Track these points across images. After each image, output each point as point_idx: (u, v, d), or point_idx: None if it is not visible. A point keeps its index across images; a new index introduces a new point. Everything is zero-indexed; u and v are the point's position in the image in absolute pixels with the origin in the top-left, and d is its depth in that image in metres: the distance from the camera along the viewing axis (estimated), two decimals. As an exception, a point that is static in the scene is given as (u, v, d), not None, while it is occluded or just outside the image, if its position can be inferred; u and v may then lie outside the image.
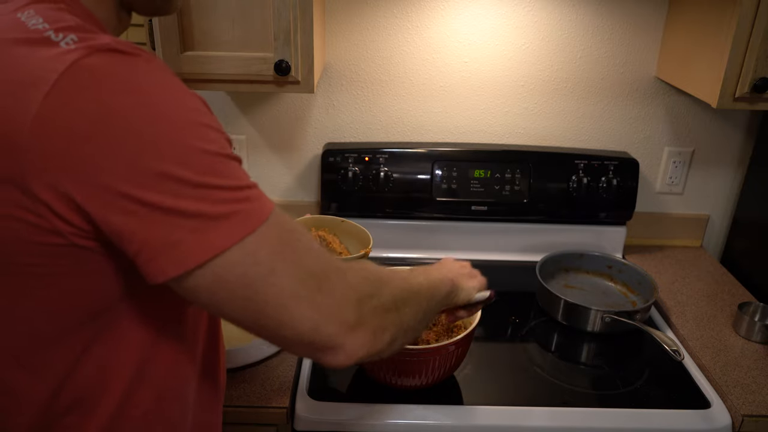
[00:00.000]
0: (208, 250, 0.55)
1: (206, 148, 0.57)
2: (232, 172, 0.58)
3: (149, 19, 1.12)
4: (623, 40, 1.48)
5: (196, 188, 0.55)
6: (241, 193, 0.58)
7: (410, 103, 1.54)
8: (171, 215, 0.54)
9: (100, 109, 0.52)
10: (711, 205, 1.66)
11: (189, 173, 0.55)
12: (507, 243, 1.56)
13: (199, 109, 0.59)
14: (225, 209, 0.56)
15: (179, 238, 0.55)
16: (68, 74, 0.53)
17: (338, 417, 1.06)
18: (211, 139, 0.58)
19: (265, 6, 1.12)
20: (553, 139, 1.58)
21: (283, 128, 1.56)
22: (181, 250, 0.55)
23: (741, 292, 1.47)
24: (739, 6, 1.13)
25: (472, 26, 1.46)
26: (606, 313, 1.26)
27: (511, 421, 1.06)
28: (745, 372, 1.18)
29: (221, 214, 0.56)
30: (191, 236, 0.55)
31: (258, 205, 0.59)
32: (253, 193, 0.59)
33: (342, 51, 1.48)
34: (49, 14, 0.59)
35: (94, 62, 0.54)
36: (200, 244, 0.55)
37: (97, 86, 0.53)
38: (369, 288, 0.68)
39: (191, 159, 0.55)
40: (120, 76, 0.54)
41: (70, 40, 0.55)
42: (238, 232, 0.57)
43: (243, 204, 0.58)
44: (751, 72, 1.16)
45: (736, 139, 1.58)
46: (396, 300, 0.71)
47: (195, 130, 0.57)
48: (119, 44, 0.56)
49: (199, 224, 0.55)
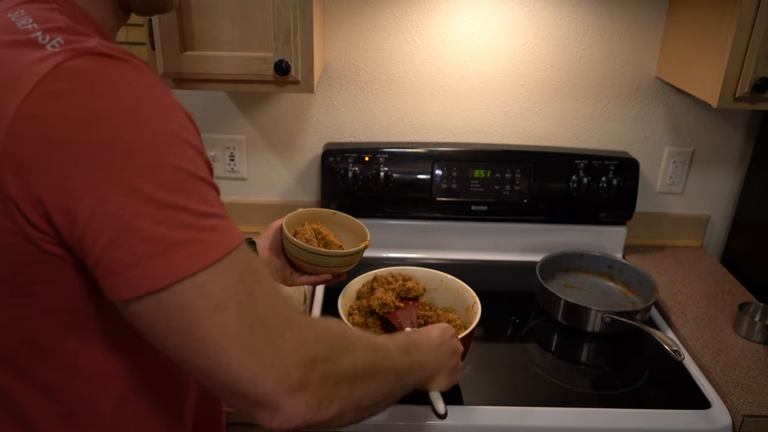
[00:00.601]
0: (161, 278, 0.52)
1: (181, 165, 0.54)
2: (203, 197, 0.55)
3: (149, 19, 1.12)
4: (623, 40, 1.48)
5: (159, 208, 0.52)
6: (207, 220, 0.55)
7: (410, 103, 1.54)
8: (129, 234, 0.52)
9: (76, 115, 0.51)
10: (711, 205, 1.66)
11: (156, 189, 0.52)
12: (507, 243, 1.56)
13: (183, 125, 0.57)
14: (185, 236, 0.53)
15: (134, 261, 0.52)
16: (49, 78, 0.52)
17: (338, 417, 1.06)
18: (188, 158, 0.55)
19: (265, 6, 1.12)
20: (553, 139, 1.58)
21: (283, 128, 1.56)
22: (134, 274, 0.52)
23: (741, 292, 1.47)
24: (739, 6, 1.13)
25: (472, 26, 1.46)
26: (606, 313, 1.26)
27: (511, 421, 1.06)
28: (745, 372, 1.18)
29: (180, 241, 0.53)
30: (146, 261, 0.52)
31: (223, 237, 0.55)
32: (220, 223, 0.56)
33: (342, 51, 1.48)
34: (39, 14, 0.58)
35: (77, 65, 0.53)
36: (154, 270, 0.52)
37: (77, 91, 0.52)
38: (325, 351, 0.60)
39: (162, 174, 0.53)
40: (102, 81, 0.53)
41: (56, 43, 0.54)
42: (195, 262, 0.53)
43: (206, 233, 0.54)
44: (752, 72, 1.16)
45: (737, 139, 1.58)
46: (355, 372, 0.64)
47: (173, 146, 0.55)
48: (107, 48, 0.55)
49: (155, 249, 0.52)
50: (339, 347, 0.62)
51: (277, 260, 1.08)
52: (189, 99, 1.49)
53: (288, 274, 1.09)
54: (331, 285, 1.13)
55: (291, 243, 1.04)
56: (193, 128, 0.59)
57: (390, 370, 0.71)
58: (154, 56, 1.15)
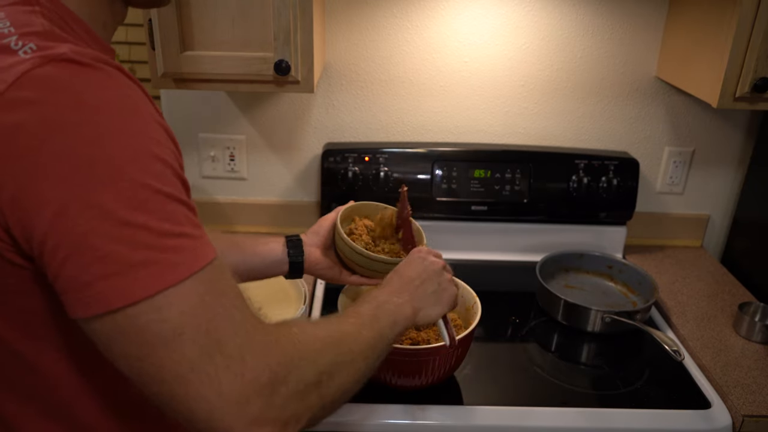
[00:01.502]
0: (116, 299, 0.50)
1: (145, 181, 0.52)
2: (168, 214, 0.53)
3: (149, 19, 1.12)
4: (623, 40, 1.48)
5: (118, 225, 0.50)
6: (169, 240, 0.52)
7: (410, 103, 1.54)
8: (85, 252, 0.50)
9: (38, 125, 0.50)
10: (711, 205, 1.66)
11: (116, 206, 0.50)
12: (507, 243, 1.56)
13: (154, 139, 0.54)
14: (144, 256, 0.51)
15: (89, 280, 0.50)
16: (15, 86, 0.51)
17: (338, 417, 1.06)
18: (154, 173, 0.53)
19: (265, 6, 1.12)
20: (553, 139, 1.58)
21: (283, 128, 1.56)
22: (89, 293, 0.51)
23: (741, 292, 1.47)
24: (739, 6, 1.13)
25: (472, 26, 1.46)
26: (606, 313, 1.26)
27: (511, 421, 1.06)
28: (745, 372, 1.18)
29: (138, 262, 0.50)
30: (101, 281, 0.50)
31: (185, 258, 0.53)
32: (184, 243, 0.53)
33: (342, 51, 1.48)
34: (19, 18, 0.56)
35: (44, 73, 0.51)
36: (109, 291, 0.50)
37: (40, 100, 0.51)
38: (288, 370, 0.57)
39: (123, 190, 0.51)
40: (68, 90, 0.52)
41: (28, 49, 0.53)
42: (151, 284, 0.51)
43: (167, 253, 0.52)
44: (752, 72, 1.16)
45: (737, 139, 1.58)
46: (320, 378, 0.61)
47: (138, 159, 0.52)
48: (78, 55, 0.53)
49: (111, 269, 0.50)
50: (301, 360, 0.59)
51: (325, 259, 1.06)
52: (189, 99, 1.49)
53: (338, 272, 1.07)
54: (332, 285, 1.14)
55: (347, 245, 1.02)
56: (170, 142, 0.57)
57: (359, 355, 0.69)
58: (154, 56, 1.15)
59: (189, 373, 0.52)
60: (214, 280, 0.55)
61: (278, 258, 1.03)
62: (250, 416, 0.53)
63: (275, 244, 1.04)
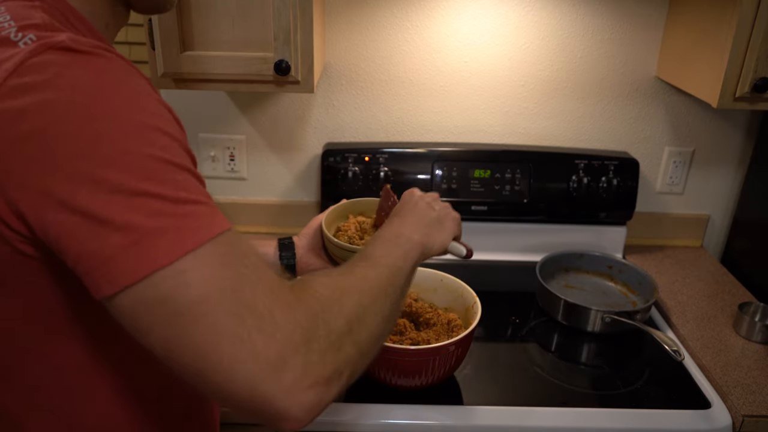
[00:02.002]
0: (138, 269, 0.50)
1: (152, 153, 0.52)
2: (180, 183, 0.53)
3: (149, 19, 1.12)
4: (623, 40, 1.48)
5: (131, 196, 0.50)
6: (185, 207, 0.52)
7: (410, 103, 1.54)
8: (104, 226, 0.50)
9: (39, 110, 0.51)
10: (711, 205, 1.66)
11: (127, 178, 0.50)
12: (507, 243, 1.56)
13: (157, 114, 0.55)
14: (161, 223, 0.50)
15: (110, 253, 0.50)
16: (15, 74, 0.51)
17: (338, 417, 1.06)
18: (160, 145, 0.53)
19: (265, 6, 1.12)
20: (553, 139, 1.58)
21: (283, 128, 1.56)
22: (111, 267, 0.50)
23: (741, 292, 1.47)
24: (739, 6, 1.13)
25: (472, 26, 1.46)
26: (606, 313, 1.26)
27: (511, 421, 1.06)
28: (745, 372, 1.18)
29: (156, 229, 0.50)
30: (122, 252, 0.50)
31: (203, 223, 0.53)
32: (200, 210, 0.53)
33: (342, 51, 1.48)
34: (18, 12, 0.57)
35: (43, 60, 0.52)
36: (130, 261, 0.50)
37: (40, 85, 0.51)
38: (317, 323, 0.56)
39: (131, 163, 0.51)
40: (67, 74, 0.52)
41: (28, 39, 0.54)
42: (172, 250, 0.50)
43: (184, 219, 0.52)
44: (752, 72, 1.16)
45: (737, 139, 1.58)
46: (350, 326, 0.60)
47: (143, 133, 0.53)
48: (76, 43, 0.54)
49: (131, 238, 0.50)
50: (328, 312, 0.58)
51: (317, 261, 1.05)
52: (189, 99, 1.49)
53: None
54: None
55: (332, 244, 1.01)
56: (173, 119, 0.57)
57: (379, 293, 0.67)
58: (154, 56, 1.15)
59: (222, 340, 0.50)
60: (235, 244, 0.54)
61: (270, 261, 1.02)
62: (291, 379, 0.51)
63: (267, 248, 1.03)
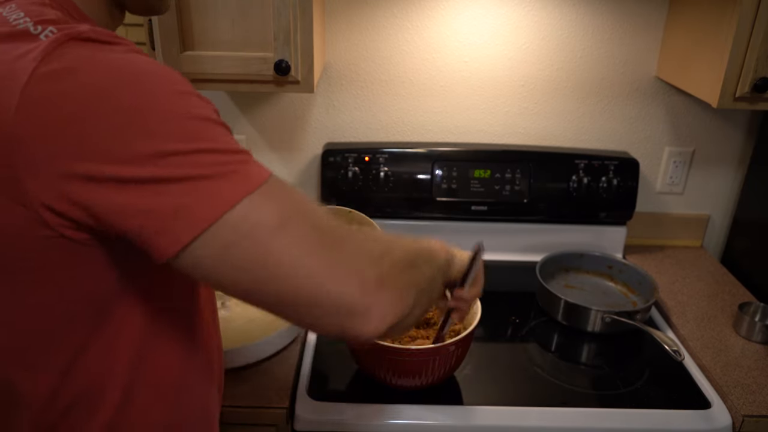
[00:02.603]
0: (214, 208, 0.53)
1: (193, 113, 0.55)
2: (222, 137, 0.57)
3: (149, 19, 1.12)
4: (623, 40, 1.48)
5: (188, 155, 0.53)
6: (237, 155, 0.56)
7: (410, 103, 1.54)
8: (169, 184, 0.53)
9: (80, 91, 0.52)
10: (711, 205, 1.66)
11: (178, 142, 0.53)
12: (507, 243, 1.56)
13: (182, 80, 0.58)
14: (223, 169, 0.54)
15: (182, 203, 0.53)
16: (46, 60, 0.52)
17: (338, 417, 1.06)
18: (196, 105, 0.57)
19: (265, 6, 1.12)
20: (553, 139, 1.58)
21: (283, 128, 1.56)
22: (186, 213, 0.53)
23: (741, 292, 1.47)
24: (739, 6, 1.13)
25: (472, 26, 1.46)
26: (606, 313, 1.26)
27: (511, 421, 1.06)
28: (745, 372, 1.18)
29: (219, 174, 0.54)
30: (193, 199, 0.53)
31: (255, 167, 0.57)
32: (248, 157, 0.58)
33: (342, 51, 1.48)
34: (30, 9, 0.59)
35: (71, 49, 0.54)
36: (205, 203, 0.53)
37: (74, 71, 0.53)
38: (381, 247, 0.63)
39: (178, 127, 0.54)
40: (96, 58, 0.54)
41: (49, 32, 0.55)
42: (240, 189, 0.54)
43: (241, 165, 0.56)
44: (752, 72, 1.16)
45: (737, 139, 1.58)
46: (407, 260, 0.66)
47: (179, 98, 0.56)
48: (96, 33, 0.56)
49: (199, 186, 0.53)
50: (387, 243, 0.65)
51: None
52: (189, 99, 1.49)
53: None
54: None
55: None
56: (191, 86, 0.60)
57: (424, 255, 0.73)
58: (154, 56, 1.15)
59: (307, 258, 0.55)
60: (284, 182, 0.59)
61: None
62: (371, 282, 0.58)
63: None
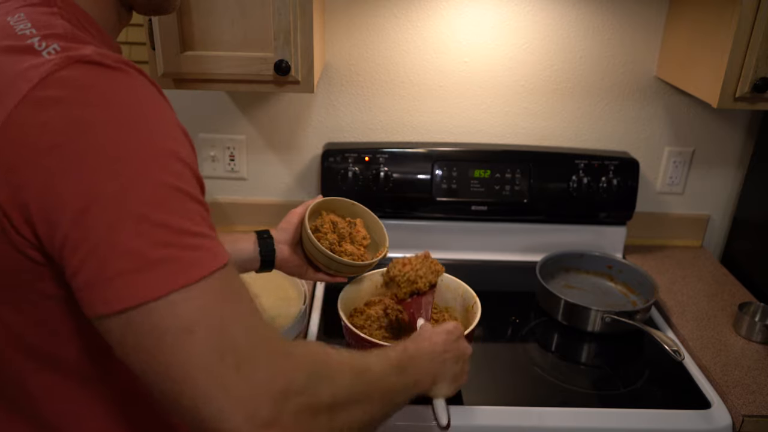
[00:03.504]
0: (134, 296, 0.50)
1: (166, 180, 0.53)
2: (188, 214, 0.54)
3: (149, 19, 1.12)
4: (623, 40, 1.48)
5: (140, 222, 0.51)
6: (190, 239, 0.53)
7: (410, 103, 1.54)
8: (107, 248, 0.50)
9: (64, 124, 0.51)
10: (711, 205, 1.66)
11: (138, 204, 0.51)
12: (507, 243, 1.56)
13: (175, 138, 0.56)
14: (164, 254, 0.51)
15: (109, 276, 0.50)
16: (41, 86, 0.52)
17: (338, 417, 1.06)
18: (175, 172, 0.54)
19: (265, 6, 1.12)
20: (553, 139, 1.58)
21: (283, 128, 1.56)
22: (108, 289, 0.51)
23: (741, 292, 1.47)
24: (739, 6, 1.13)
25: (472, 26, 1.46)
26: (606, 313, 1.26)
27: (511, 421, 1.06)
28: (745, 372, 1.18)
29: (158, 259, 0.51)
30: (120, 278, 0.50)
31: (203, 257, 0.53)
32: (203, 243, 0.54)
33: (342, 51, 1.48)
34: (39, 19, 0.58)
35: (70, 74, 0.52)
36: (129, 287, 0.50)
37: (66, 99, 0.52)
38: (302, 381, 0.56)
39: (146, 189, 0.52)
40: (93, 90, 0.53)
41: (52, 50, 0.54)
42: (169, 282, 0.51)
43: (186, 251, 0.52)
44: (752, 72, 1.16)
45: (737, 139, 1.58)
46: (335, 402, 0.59)
47: (160, 159, 0.53)
48: (101, 57, 0.54)
49: (131, 265, 0.50)
50: (317, 376, 0.58)
51: (295, 257, 1.08)
52: (189, 99, 1.49)
53: (305, 270, 1.10)
54: (332, 285, 1.16)
55: (312, 244, 1.06)
56: (187, 143, 0.58)
57: (376, 394, 0.67)
58: (154, 56, 1.15)
59: (198, 373, 0.51)
60: (230, 282, 0.55)
61: (250, 257, 1.05)
62: (259, 421, 0.52)
63: (245, 243, 1.06)
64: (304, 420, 0.55)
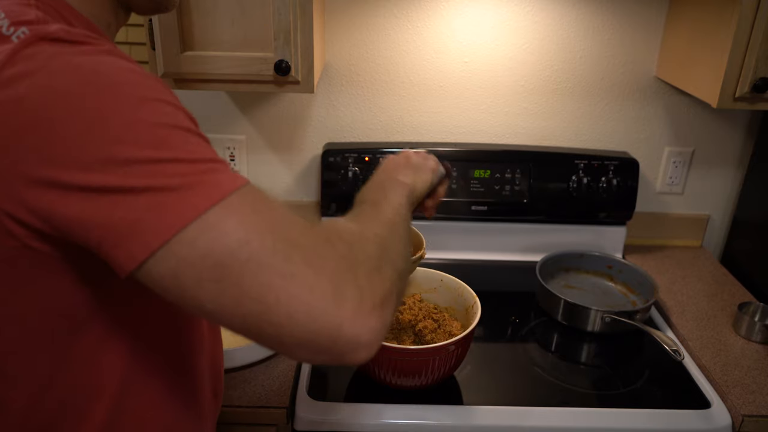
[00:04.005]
0: (170, 224, 0.49)
1: (159, 121, 0.52)
2: (191, 146, 0.53)
3: (149, 19, 1.12)
4: (623, 40, 1.48)
5: (147, 164, 0.50)
6: (203, 165, 0.52)
7: (410, 103, 1.54)
8: (125, 194, 0.49)
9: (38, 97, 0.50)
10: (711, 205, 1.66)
11: (139, 150, 0.50)
12: (507, 243, 1.56)
13: (153, 87, 0.55)
14: (184, 181, 0.50)
15: (137, 217, 0.49)
16: (8, 65, 0.51)
17: (338, 417, 1.06)
18: (164, 113, 0.53)
19: (265, 6, 1.12)
20: (553, 139, 1.58)
21: (283, 128, 1.56)
22: (139, 230, 0.49)
23: (741, 292, 1.47)
24: (739, 6, 1.13)
25: (472, 26, 1.46)
26: (606, 313, 1.26)
27: (511, 421, 1.06)
28: (745, 372, 1.18)
29: (180, 186, 0.50)
30: (151, 213, 0.49)
31: (225, 177, 0.53)
32: (219, 166, 0.54)
33: (342, 51, 1.48)
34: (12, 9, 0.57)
35: (35, 50, 0.52)
36: (162, 218, 0.49)
37: (34, 72, 0.51)
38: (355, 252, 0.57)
39: (141, 134, 0.51)
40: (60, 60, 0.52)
41: (21, 33, 0.53)
42: (201, 203, 0.50)
43: (206, 175, 0.52)
44: (752, 72, 1.16)
45: (736, 139, 1.58)
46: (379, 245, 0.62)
47: (145, 105, 0.52)
48: (67, 33, 0.54)
49: (158, 199, 0.49)
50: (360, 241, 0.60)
51: None
52: (189, 99, 1.49)
53: None
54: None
55: None
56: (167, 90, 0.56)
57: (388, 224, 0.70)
58: (154, 56, 1.15)
59: (273, 278, 0.50)
60: (258, 192, 0.55)
61: None
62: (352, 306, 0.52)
63: None
64: (378, 279, 0.57)
